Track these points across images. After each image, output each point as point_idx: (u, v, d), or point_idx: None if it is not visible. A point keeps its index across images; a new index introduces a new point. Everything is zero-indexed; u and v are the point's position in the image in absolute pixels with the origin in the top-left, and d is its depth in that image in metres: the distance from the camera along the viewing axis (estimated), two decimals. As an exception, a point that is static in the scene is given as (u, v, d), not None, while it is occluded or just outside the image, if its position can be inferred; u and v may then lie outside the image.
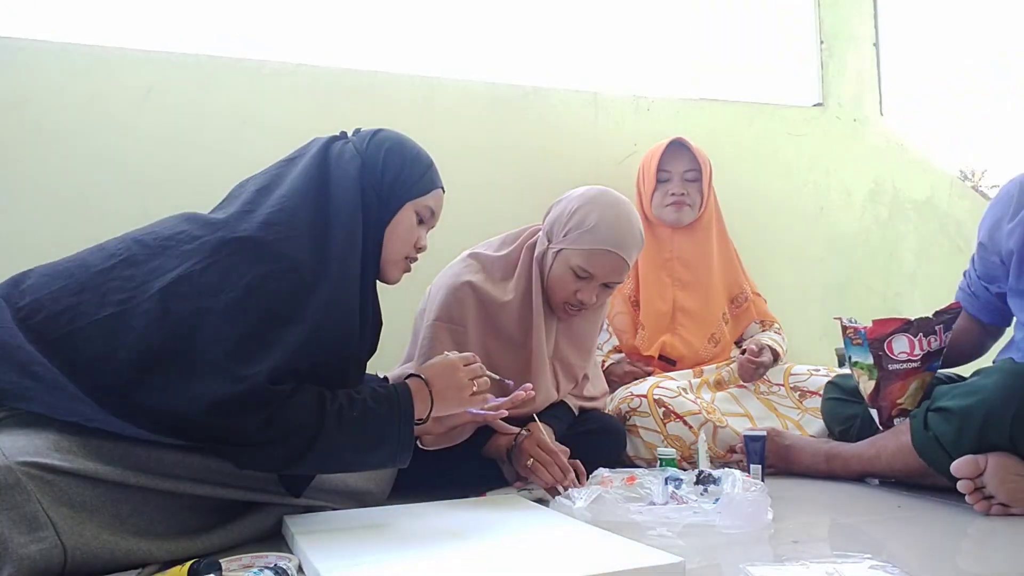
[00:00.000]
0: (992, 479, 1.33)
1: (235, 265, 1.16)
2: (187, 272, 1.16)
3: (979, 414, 1.34)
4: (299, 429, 1.14)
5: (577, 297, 1.63)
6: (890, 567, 0.98)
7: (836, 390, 1.90)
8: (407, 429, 1.23)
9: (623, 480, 1.47)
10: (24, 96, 1.98)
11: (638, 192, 2.33)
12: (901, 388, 1.64)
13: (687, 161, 2.26)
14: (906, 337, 1.63)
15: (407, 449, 1.24)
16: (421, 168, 1.39)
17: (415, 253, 1.41)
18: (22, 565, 0.95)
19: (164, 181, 2.05)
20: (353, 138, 1.39)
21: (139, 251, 1.21)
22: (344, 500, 1.40)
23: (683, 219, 2.25)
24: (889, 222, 2.95)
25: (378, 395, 1.23)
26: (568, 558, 1.06)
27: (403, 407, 1.24)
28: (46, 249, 1.95)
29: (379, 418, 1.21)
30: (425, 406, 1.27)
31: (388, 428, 1.22)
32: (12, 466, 0.98)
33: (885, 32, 3.01)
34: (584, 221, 1.61)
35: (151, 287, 1.16)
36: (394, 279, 1.41)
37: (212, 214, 1.29)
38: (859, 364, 1.67)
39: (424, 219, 1.40)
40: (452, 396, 1.30)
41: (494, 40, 2.50)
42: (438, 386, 1.28)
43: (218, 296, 1.14)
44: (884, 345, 1.64)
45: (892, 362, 1.64)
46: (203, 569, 0.94)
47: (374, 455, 1.23)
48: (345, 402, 1.19)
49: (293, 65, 2.22)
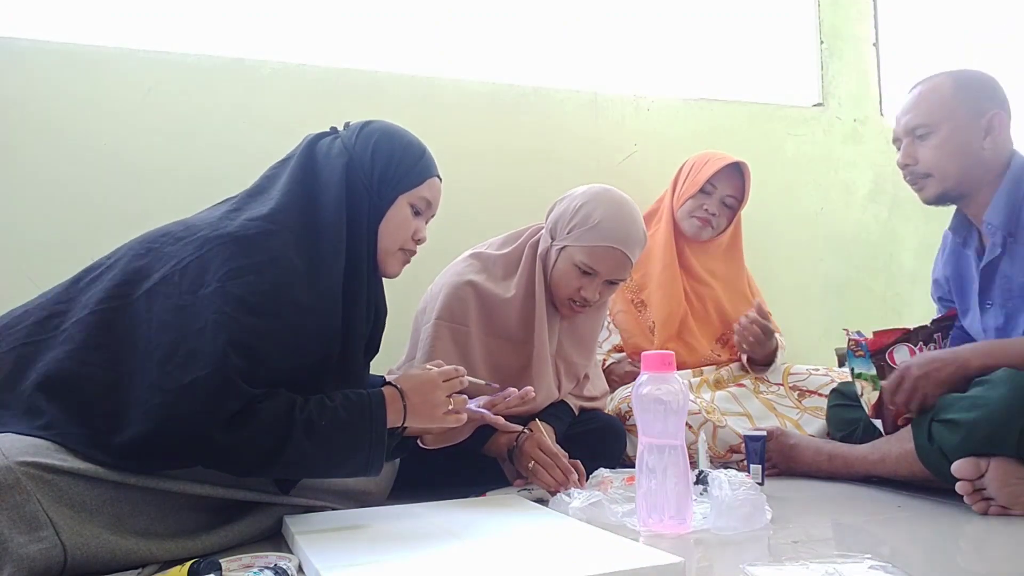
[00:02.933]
0: (993, 482, 1.33)
1: (213, 260, 1.15)
2: (169, 272, 1.16)
3: (985, 426, 1.34)
4: (266, 435, 1.12)
5: (581, 294, 1.64)
6: (890, 567, 0.98)
7: (840, 396, 1.91)
8: (378, 441, 1.20)
9: (623, 480, 1.47)
10: (25, 95, 1.98)
11: (673, 188, 2.29)
12: None
13: (735, 187, 2.23)
14: (907, 347, 1.65)
15: (378, 460, 1.21)
16: (413, 158, 1.35)
17: (413, 245, 1.39)
18: (22, 565, 0.95)
19: (164, 181, 2.05)
20: (343, 132, 1.37)
21: (129, 257, 1.23)
22: (344, 500, 1.40)
23: (701, 236, 2.24)
24: (889, 222, 2.95)
25: (351, 404, 1.20)
26: (568, 558, 1.06)
27: (375, 418, 1.20)
28: (47, 248, 1.97)
29: (350, 428, 1.18)
30: (398, 417, 1.24)
31: (359, 439, 1.19)
32: (12, 466, 0.98)
33: (885, 32, 3.01)
34: (588, 218, 1.62)
35: (139, 288, 1.17)
36: (393, 272, 1.39)
37: (199, 216, 1.29)
38: (863, 375, 1.68)
39: (420, 210, 1.38)
40: (426, 412, 1.26)
41: (494, 40, 2.50)
42: (413, 400, 1.25)
43: (196, 293, 1.13)
44: (886, 356, 1.66)
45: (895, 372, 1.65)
46: (203, 569, 0.94)
47: (344, 465, 1.20)
48: (315, 410, 1.16)
49: (293, 65, 2.23)
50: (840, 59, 2.94)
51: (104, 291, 1.19)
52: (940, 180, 1.61)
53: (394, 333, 1.49)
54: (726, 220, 2.26)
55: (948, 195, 1.64)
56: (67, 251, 1.91)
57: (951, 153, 1.59)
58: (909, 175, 1.66)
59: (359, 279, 1.30)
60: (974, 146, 1.58)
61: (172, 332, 1.11)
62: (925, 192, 1.66)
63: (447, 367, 1.32)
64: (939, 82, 1.63)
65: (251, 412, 1.11)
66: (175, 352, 1.10)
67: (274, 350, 1.15)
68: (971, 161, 1.58)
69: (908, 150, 1.65)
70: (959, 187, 1.61)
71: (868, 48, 2.99)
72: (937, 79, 1.63)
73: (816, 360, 2.26)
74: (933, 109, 1.61)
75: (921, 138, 1.62)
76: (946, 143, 1.59)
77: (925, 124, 1.61)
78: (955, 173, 1.60)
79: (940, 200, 1.66)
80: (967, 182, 1.60)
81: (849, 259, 2.90)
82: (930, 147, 1.61)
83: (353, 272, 1.29)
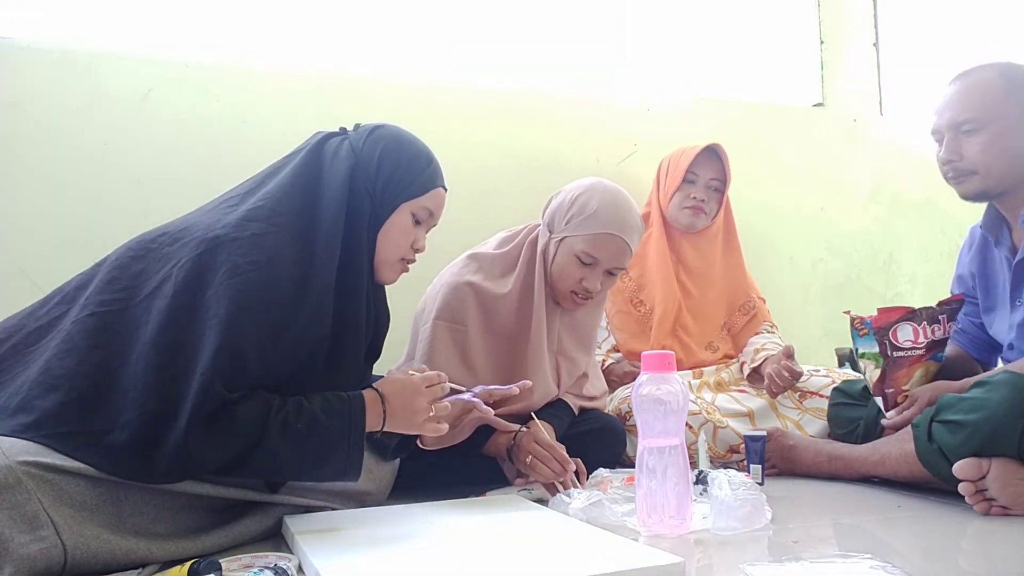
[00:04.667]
0: (994, 483, 1.33)
1: (211, 262, 1.14)
2: (167, 273, 1.16)
3: (986, 428, 1.34)
4: (239, 436, 1.11)
5: (582, 284, 1.64)
6: (890, 567, 0.97)
7: (841, 395, 1.92)
8: (356, 444, 1.19)
9: (623, 480, 1.47)
10: (23, 98, 1.98)
11: (656, 187, 2.32)
12: (906, 375, 1.67)
13: (716, 169, 2.25)
14: (910, 325, 1.67)
15: (356, 463, 1.19)
16: (419, 167, 1.34)
17: (411, 255, 1.38)
18: (23, 565, 0.95)
19: (163, 183, 2.05)
20: (352, 134, 1.36)
21: (127, 258, 1.23)
22: (344, 500, 1.40)
23: (697, 225, 2.25)
24: (889, 222, 2.95)
25: (330, 407, 1.19)
26: (568, 558, 1.06)
27: (354, 422, 1.19)
28: (47, 248, 1.97)
29: (328, 431, 1.17)
30: (377, 422, 1.23)
31: (336, 442, 1.17)
32: (13, 465, 0.98)
33: (885, 32, 3.01)
34: (586, 207, 1.63)
35: (140, 291, 1.17)
36: (388, 280, 1.38)
37: (196, 214, 1.29)
38: (866, 354, 1.70)
39: (421, 220, 1.36)
40: (405, 418, 1.25)
41: (494, 42, 2.49)
42: (394, 405, 1.24)
43: (194, 295, 1.13)
44: (889, 333, 1.67)
45: (897, 350, 1.67)
46: (203, 569, 0.94)
47: (322, 467, 1.19)
48: (292, 412, 1.15)
49: (293, 68, 2.22)
50: (840, 59, 2.94)
51: (103, 292, 1.19)
52: (984, 178, 1.58)
53: (394, 333, 1.49)
54: (716, 204, 2.27)
55: (989, 192, 1.61)
56: (67, 251, 1.92)
57: (1000, 152, 1.55)
58: (952, 171, 1.62)
59: (355, 283, 1.29)
60: (1022, 145, 1.55)
61: (169, 334, 1.12)
62: (965, 187, 1.62)
63: (430, 373, 1.31)
64: (987, 77, 1.58)
65: (227, 413, 1.10)
66: (170, 355, 1.10)
67: (264, 351, 1.15)
68: (1018, 161, 1.56)
69: (952, 145, 1.60)
70: (1001, 185, 1.58)
71: (868, 48, 2.99)
72: (983, 73, 1.58)
73: (816, 360, 2.26)
74: (982, 105, 1.56)
75: (967, 133, 1.57)
76: (995, 141, 1.55)
77: (973, 120, 1.56)
78: (1000, 171, 1.57)
79: (980, 197, 1.63)
80: (1010, 180, 1.58)
81: (849, 259, 2.90)
82: (977, 144, 1.56)
83: (349, 276, 1.27)
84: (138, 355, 1.12)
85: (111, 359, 1.13)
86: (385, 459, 1.45)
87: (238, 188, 1.32)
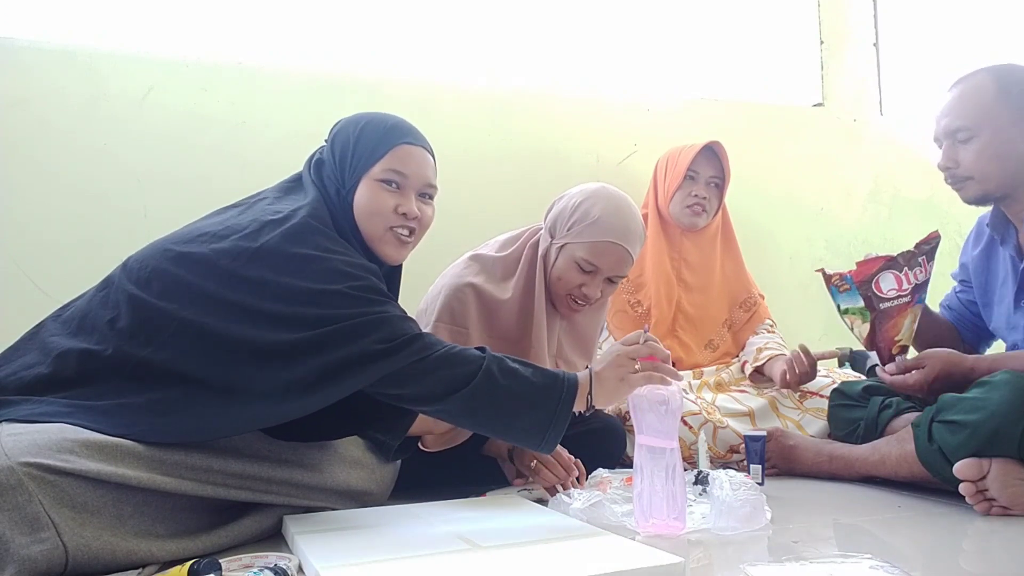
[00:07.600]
0: (995, 483, 1.33)
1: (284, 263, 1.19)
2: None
3: (987, 428, 1.34)
4: (457, 366, 1.17)
5: (582, 291, 1.64)
6: (890, 567, 0.98)
7: (841, 396, 1.91)
8: (563, 413, 1.20)
9: (622, 480, 1.47)
10: (24, 96, 1.98)
11: (654, 187, 2.32)
12: (896, 325, 1.66)
13: (715, 167, 2.25)
14: (892, 274, 1.65)
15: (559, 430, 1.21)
16: (375, 136, 1.31)
17: (398, 221, 1.32)
18: (24, 566, 0.95)
19: (164, 181, 2.05)
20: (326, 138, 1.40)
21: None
22: (344, 500, 1.40)
23: (698, 223, 2.25)
24: (889, 222, 2.95)
25: (542, 372, 1.23)
26: (568, 558, 1.06)
27: (567, 394, 1.21)
28: (47, 248, 1.97)
29: (541, 391, 1.20)
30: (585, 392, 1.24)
31: (540, 404, 1.20)
32: (14, 467, 0.98)
33: (885, 32, 3.01)
34: (588, 214, 1.62)
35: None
36: (391, 256, 1.35)
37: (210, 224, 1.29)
38: (850, 310, 1.67)
39: (396, 182, 1.31)
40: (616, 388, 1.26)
41: (494, 42, 2.49)
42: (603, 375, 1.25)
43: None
44: (872, 284, 1.65)
45: (883, 300, 1.65)
46: (203, 569, 0.94)
47: (523, 418, 1.20)
48: (512, 364, 1.21)
49: (293, 68, 2.22)
50: (840, 59, 2.94)
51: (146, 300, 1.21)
52: (981, 183, 1.59)
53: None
54: (717, 201, 2.28)
55: (990, 196, 1.62)
56: (67, 251, 1.92)
57: (993, 157, 1.56)
58: (951, 177, 1.63)
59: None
60: (1017, 148, 1.55)
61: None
62: (966, 193, 1.63)
63: (630, 336, 1.31)
64: (980, 82, 1.58)
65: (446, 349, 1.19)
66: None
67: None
68: (1014, 164, 1.56)
69: (949, 153, 1.61)
70: (1001, 189, 1.59)
71: (868, 48, 2.99)
72: (977, 78, 1.58)
73: (816, 360, 2.26)
74: (974, 112, 1.56)
75: (962, 141, 1.58)
76: (988, 147, 1.56)
77: (966, 127, 1.57)
78: (997, 176, 1.57)
79: (981, 201, 1.64)
80: (1009, 184, 1.58)
81: (849, 259, 2.89)
82: (971, 151, 1.57)
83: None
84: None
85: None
86: (387, 460, 1.45)
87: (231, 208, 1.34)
